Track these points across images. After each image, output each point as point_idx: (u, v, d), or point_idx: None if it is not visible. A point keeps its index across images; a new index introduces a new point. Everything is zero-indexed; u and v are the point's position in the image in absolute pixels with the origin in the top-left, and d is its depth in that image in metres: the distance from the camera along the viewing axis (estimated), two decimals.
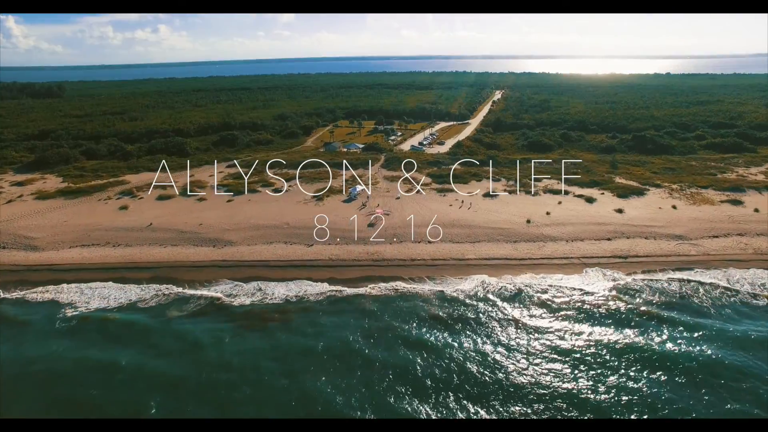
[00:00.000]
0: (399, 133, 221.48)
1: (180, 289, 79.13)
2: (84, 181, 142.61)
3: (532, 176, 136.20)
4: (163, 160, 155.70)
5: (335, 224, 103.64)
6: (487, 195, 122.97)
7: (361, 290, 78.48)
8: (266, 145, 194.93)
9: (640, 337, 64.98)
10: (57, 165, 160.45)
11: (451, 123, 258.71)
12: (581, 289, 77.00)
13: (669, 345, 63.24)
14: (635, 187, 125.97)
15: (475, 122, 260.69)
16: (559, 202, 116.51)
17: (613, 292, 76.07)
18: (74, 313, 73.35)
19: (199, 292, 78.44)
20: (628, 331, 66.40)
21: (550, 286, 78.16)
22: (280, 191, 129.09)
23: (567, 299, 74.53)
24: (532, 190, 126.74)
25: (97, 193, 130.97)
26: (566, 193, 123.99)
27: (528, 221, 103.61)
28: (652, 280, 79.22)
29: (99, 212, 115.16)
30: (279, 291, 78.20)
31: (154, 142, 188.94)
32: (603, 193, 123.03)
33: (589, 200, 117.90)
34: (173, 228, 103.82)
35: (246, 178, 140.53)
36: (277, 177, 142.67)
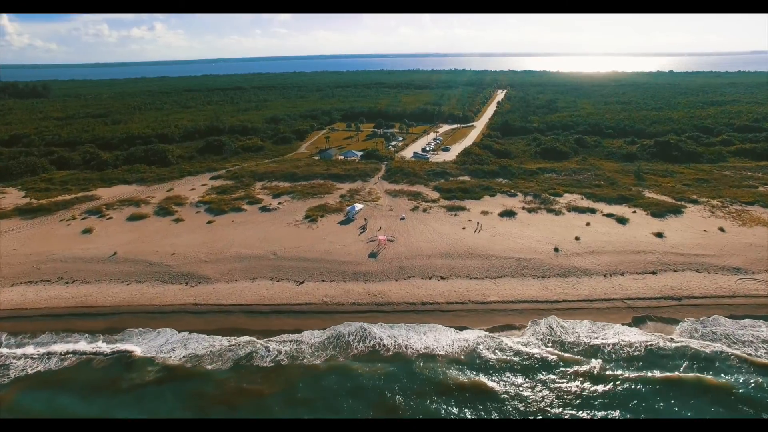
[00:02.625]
0: (400, 138, 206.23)
1: (138, 347, 63.94)
2: (49, 195, 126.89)
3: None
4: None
5: (330, 254, 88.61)
6: (504, 214, 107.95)
7: (366, 346, 63.45)
8: (256, 152, 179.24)
9: None
10: (22, 176, 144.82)
11: (455, 126, 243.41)
12: (643, 351, 61.19)
13: None
14: (670, 204, 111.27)
15: (480, 125, 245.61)
16: (588, 224, 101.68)
17: (688, 359, 59.86)
18: None
19: (161, 353, 63.24)
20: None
21: (600, 345, 62.71)
22: (268, 210, 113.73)
23: (630, 371, 58.87)
24: (555, 207, 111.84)
25: (60, 211, 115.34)
26: (593, 211, 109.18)
27: (556, 249, 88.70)
28: (727, 335, 63.85)
29: (58, 237, 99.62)
30: (264, 350, 63.05)
31: (134, 149, 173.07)
32: (635, 212, 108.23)
33: (621, 221, 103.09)
34: (141, 258, 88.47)
35: (230, 195, 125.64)
36: (264, 191, 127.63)
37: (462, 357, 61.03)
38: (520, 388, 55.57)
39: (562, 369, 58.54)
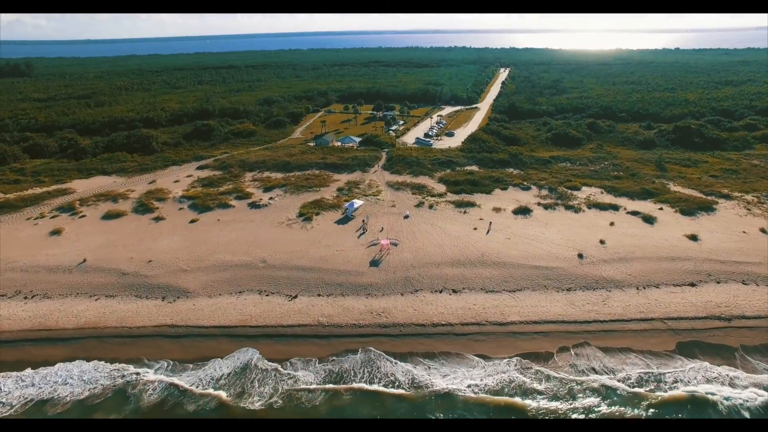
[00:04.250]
0: (401, 122, 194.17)
1: (113, 374, 54.43)
2: (18, 189, 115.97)
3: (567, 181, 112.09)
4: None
5: (326, 261, 78.66)
6: (518, 211, 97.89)
7: (370, 386, 54.08)
8: (247, 137, 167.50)
9: None
10: None
11: (458, 107, 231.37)
12: (711, 399, 51.96)
13: None
14: (700, 200, 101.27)
15: (484, 106, 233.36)
16: (612, 223, 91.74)
17: None
18: None
19: (141, 377, 53.82)
20: None
21: (654, 387, 52.95)
22: (258, 206, 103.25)
23: None
24: (573, 203, 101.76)
25: (28, 207, 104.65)
26: (616, 207, 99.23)
27: (580, 256, 78.98)
28: None
29: (21, 239, 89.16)
30: (255, 387, 53.63)
31: (116, 135, 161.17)
32: (661, 208, 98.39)
33: (648, 219, 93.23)
34: (113, 267, 78.38)
35: (217, 188, 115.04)
36: (255, 184, 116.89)
37: (496, 398, 51.66)
38: None
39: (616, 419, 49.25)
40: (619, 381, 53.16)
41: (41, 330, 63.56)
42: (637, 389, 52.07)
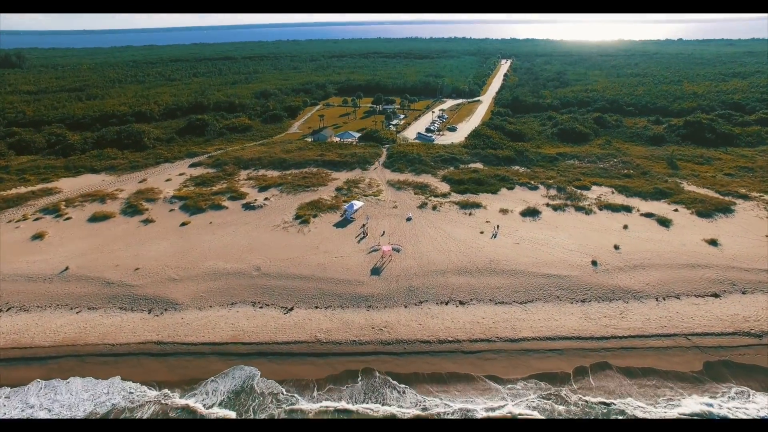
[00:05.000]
0: (401, 116, 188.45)
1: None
2: (1, 188, 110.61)
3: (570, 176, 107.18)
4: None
5: (325, 269, 73.88)
6: (526, 213, 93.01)
7: (372, 411, 49.63)
8: (242, 132, 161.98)
9: None
10: None
11: (460, 101, 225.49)
12: None
13: None
14: (717, 200, 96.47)
15: (486, 99, 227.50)
16: (625, 226, 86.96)
17: None
18: None
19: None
20: None
21: (685, 414, 48.40)
22: (253, 207, 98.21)
23: None
24: (584, 204, 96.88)
25: (11, 209, 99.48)
26: (628, 209, 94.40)
27: (594, 263, 74.24)
28: None
29: (0, 244, 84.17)
30: (251, 415, 49.13)
31: (106, 130, 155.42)
32: (676, 210, 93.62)
33: (663, 222, 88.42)
34: (97, 276, 73.52)
35: (211, 187, 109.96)
36: (249, 183, 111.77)
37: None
38: None
39: None
40: (646, 406, 48.66)
41: (15, 347, 58.85)
42: (667, 415, 47.64)
